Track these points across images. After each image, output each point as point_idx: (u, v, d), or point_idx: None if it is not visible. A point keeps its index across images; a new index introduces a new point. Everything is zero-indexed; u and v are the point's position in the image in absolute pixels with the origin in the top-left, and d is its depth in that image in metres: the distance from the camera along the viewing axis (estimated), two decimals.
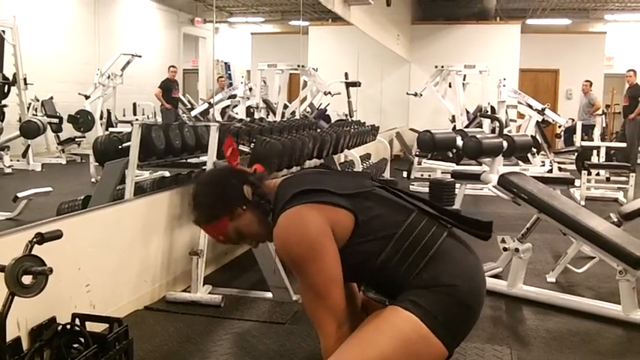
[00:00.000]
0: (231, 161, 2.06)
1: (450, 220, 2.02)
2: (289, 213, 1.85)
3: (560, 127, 12.11)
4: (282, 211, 1.87)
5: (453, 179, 6.61)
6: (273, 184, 2.01)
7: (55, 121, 6.21)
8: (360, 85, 8.80)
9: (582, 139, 10.16)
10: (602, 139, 10.84)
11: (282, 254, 1.88)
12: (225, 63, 9.71)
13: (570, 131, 11.80)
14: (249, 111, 7.60)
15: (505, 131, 8.37)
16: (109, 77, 6.71)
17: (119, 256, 3.43)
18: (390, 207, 1.95)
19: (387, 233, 1.88)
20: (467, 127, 9.81)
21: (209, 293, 3.79)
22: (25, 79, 5.79)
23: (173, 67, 7.84)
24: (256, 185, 1.98)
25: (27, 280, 2.25)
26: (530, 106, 9.99)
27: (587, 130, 11.07)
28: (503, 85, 9.28)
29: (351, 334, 1.85)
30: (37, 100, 6.14)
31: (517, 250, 3.85)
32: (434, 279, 1.84)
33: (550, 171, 9.19)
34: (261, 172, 2.07)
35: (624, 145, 10.08)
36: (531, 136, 9.44)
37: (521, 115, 10.77)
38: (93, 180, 5.16)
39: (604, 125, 12.13)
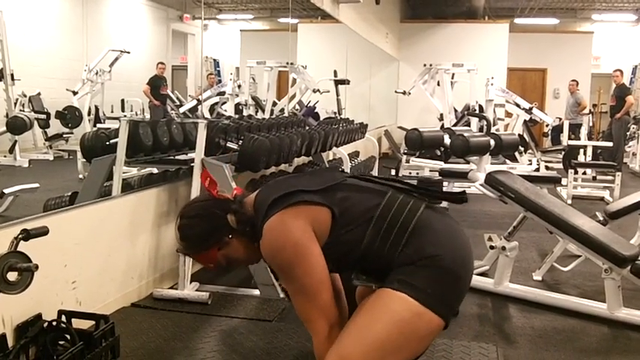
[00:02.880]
0: (211, 190, 2.09)
1: (425, 193, 2.04)
2: (270, 222, 1.87)
3: (547, 126, 12.19)
4: (263, 223, 1.88)
5: (440, 177, 6.63)
6: (250, 200, 2.03)
7: (43, 117, 6.16)
8: (349, 83, 8.81)
9: (569, 138, 10.23)
10: (589, 139, 10.92)
11: (270, 263, 1.91)
12: (214, 60, 9.68)
13: (557, 130, 11.89)
14: (238, 108, 7.58)
15: (493, 130, 8.41)
16: (97, 73, 6.67)
17: (106, 252, 3.42)
18: (365, 193, 1.98)
19: (365, 218, 1.90)
20: (455, 125, 9.82)
21: (196, 290, 3.79)
22: (12, 75, 5.74)
23: (161, 63, 7.80)
24: (239, 212, 1.99)
25: (12, 276, 2.24)
26: (517, 105, 10.03)
27: (574, 129, 11.14)
28: (491, 84, 9.31)
29: (344, 328, 1.86)
30: (25, 96, 6.10)
31: (504, 248, 3.88)
32: (417, 253, 1.86)
33: (537, 170, 9.22)
34: (241, 194, 2.08)
35: (611, 144, 10.15)
36: (519, 134, 9.48)
37: (508, 114, 10.81)
38: (80, 176, 5.14)
39: (591, 124, 12.22)
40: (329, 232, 1.90)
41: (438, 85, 10.79)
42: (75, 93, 6.50)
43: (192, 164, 3.93)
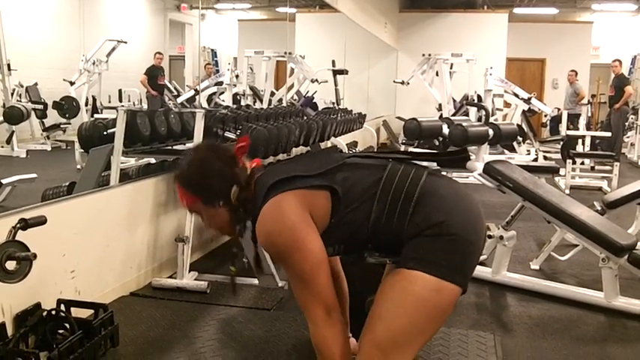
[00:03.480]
0: (238, 153, 2.02)
1: (426, 159, 2.03)
2: (267, 207, 1.85)
3: (546, 116, 12.18)
4: (260, 208, 1.87)
5: (438, 167, 6.62)
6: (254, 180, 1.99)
7: (40, 107, 6.15)
8: (347, 73, 8.79)
9: (568, 129, 10.22)
10: (588, 129, 10.93)
11: (266, 248, 1.88)
12: (212, 50, 9.66)
13: (556, 120, 11.89)
14: (236, 98, 7.57)
15: (491, 120, 8.41)
16: (94, 63, 6.65)
17: (104, 242, 3.42)
18: (365, 170, 1.95)
19: (368, 195, 1.88)
20: (453, 115, 9.81)
21: (195, 280, 3.79)
22: (8, 65, 5.73)
23: (159, 53, 7.78)
24: (245, 191, 1.95)
25: (11, 265, 2.24)
26: (516, 95, 10.02)
27: (573, 119, 11.14)
28: (490, 74, 9.30)
29: (370, 314, 1.86)
30: (22, 86, 6.08)
31: (501, 237, 3.88)
32: (425, 221, 1.83)
33: (535, 160, 9.22)
34: (258, 168, 2.03)
35: (609, 134, 10.15)
36: (517, 124, 9.47)
37: (507, 104, 10.82)
38: (78, 166, 5.15)
39: (589, 115, 12.23)
40: (330, 214, 1.88)
41: (437, 75, 10.77)
42: (72, 83, 6.48)
43: None
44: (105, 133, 3.89)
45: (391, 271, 1.95)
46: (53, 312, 2.73)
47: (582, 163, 8.89)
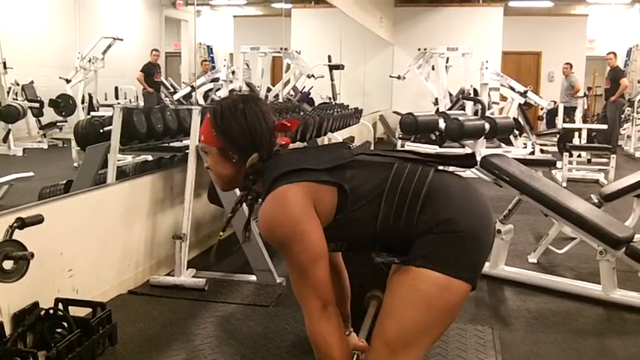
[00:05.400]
0: (278, 127, 1.99)
1: (433, 160, 2.02)
2: (272, 196, 1.85)
3: (542, 109, 12.18)
4: (265, 195, 1.87)
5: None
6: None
7: (36, 105, 6.14)
8: (343, 68, 8.78)
9: (564, 121, 10.23)
10: (584, 121, 10.92)
11: (267, 236, 1.87)
12: (208, 46, 9.64)
13: (552, 113, 11.89)
14: (232, 94, 7.56)
15: (487, 113, 8.42)
16: (90, 61, 6.63)
17: (102, 240, 3.42)
18: (373, 168, 1.94)
19: (376, 193, 1.87)
20: (450, 109, 9.83)
21: (193, 277, 3.79)
22: (4, 63, 5.72)
23: (155, 50, 7.77)
24: (261, 165, 1.91)
25: (8, 265, 2.24)
26: (512, 89, 10.03)
27: (569, 112, 11.14)
28: (486, 68, 9.31)
29: (380, 313, 1.87)
30: (18, 85, 6.07)
31: (499, 231, 3.88)
32: (433, 218, 1.82)
33: (532, 153, 9.24)
34: (285, 146, 1.99)
35: (605, 127, 10.16)
36: (513, 118, 9.49)
37: (503, 98, 10.81)
38: (75, 164, 5.13)
39: (585, 107, 12.23)
40: (335, 211, 1.88)
41: (433, 69, 10.77)
42: (68, 81, 6.46)
43: (186, 151, 3.93)
44: (101, 130, 3.89)
45: (398, 269, 1.95)
46: (51, 311, 2.73)
47: (579, 156, 8.90)
